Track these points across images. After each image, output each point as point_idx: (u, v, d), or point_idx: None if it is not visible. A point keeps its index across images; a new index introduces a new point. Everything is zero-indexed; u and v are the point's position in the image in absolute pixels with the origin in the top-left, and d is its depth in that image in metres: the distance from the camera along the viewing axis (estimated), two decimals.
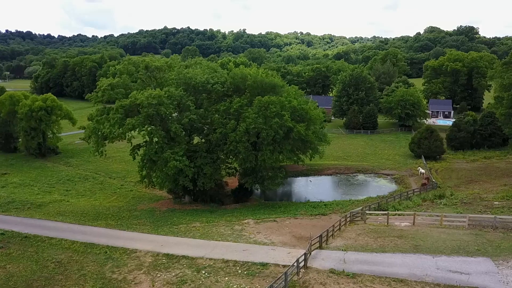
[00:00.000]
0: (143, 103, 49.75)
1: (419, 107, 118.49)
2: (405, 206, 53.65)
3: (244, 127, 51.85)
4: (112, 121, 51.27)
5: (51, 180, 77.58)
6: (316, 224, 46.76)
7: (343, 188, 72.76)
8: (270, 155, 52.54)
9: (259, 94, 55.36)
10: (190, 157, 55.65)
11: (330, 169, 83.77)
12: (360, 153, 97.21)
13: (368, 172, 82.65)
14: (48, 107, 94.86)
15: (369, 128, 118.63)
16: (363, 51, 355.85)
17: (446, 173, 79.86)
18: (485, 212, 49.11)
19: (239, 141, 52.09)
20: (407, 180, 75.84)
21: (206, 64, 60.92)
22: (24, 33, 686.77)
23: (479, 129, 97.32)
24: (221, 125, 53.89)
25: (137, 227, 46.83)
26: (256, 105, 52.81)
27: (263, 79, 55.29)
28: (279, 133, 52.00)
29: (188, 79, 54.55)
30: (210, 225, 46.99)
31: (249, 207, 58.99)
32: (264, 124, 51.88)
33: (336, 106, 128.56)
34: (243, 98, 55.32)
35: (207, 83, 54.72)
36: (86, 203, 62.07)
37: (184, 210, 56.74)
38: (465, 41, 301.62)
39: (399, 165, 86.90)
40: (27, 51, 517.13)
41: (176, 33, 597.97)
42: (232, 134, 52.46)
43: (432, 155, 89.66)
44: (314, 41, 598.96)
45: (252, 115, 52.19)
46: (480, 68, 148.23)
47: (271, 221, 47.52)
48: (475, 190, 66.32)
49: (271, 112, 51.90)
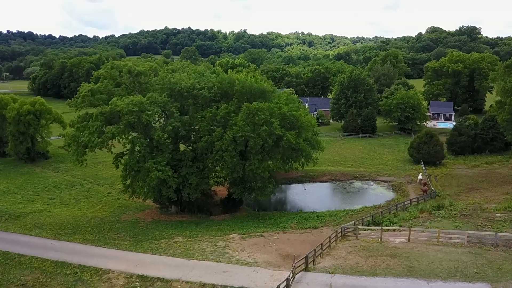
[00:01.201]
0: (123, 110, 47.05)
1: (419, 110, 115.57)
2: (401, 218, 50.82)
3: (231, 135, 49.08)
4: (91, 129, 48.60)
5: (37, 187, 74.97)
6: (305, 239, 44.00)
7: (338, 196, 69.97)
8: (258, 164, 49.71)
9: (247, 100, 52.60)
10: (175, 166, 52.96)
11: (326, 176, 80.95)
12: (357, 158, 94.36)
13: (365, 179, 79.79)
14: (36, 111, 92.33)
15: (367, 131, 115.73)
16: (364, 51, 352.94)
17: (446, 180, 76.95)
18: (485, 226, 46.26)
19: (226, 150, 49.30)
20: (405, 188, 72.95)
21: (193, 68, 58.12)
22: (25, 34, 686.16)
23: (481, 133, 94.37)
24: (207, 132, 51.12)
25: (115, 242, 44.15)
26: (244, 112, 50.03)
27: (251, 84, 52.48)
28: (268, 142, 49.17)
29: (172, 84, 51.83)
30: (193, 240, 44.32)
31: (238, 218, 56.26)
32: (252, 132, 49.08)
33: (334, 108, 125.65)
34: (231, 104, 52.55)
35: (193, 88, 51.98)
36: (68, 213, 59.42)
37: (169, 222, 54.04)
38: (467, 42, 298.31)
39: (398, 171, 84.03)
40: (28, 51, 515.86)
41: (177, 34, 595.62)
42: (218, 142, 49.70)
43: (432, 160, 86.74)
44: (315, 41, 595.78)
45: (240, 122, 49.42)
46: (482, 69, 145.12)
47: (258, 236, 44.80)
48: (476, 199, 63.48)
49: (260, 119, 49.10)
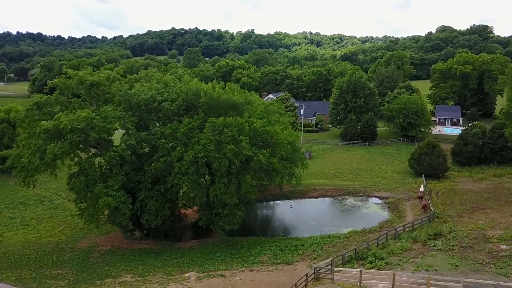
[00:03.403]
0: (67, 128, 40.94)
1: (423, 115, 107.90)
2: (390, 251, 43.84)
3: (192, 156, 42.65)
4: (33, 148, 42.53)
5: (2, 204, 69.50)
6: (272, 281, 37.44)
7: (326, 216, 63.10)
8: (224, 189, 43.23)
9: (215, 114, 46.22)
10: (133, 188, 46.74)
11: (317, 191, 74.08)
12: (354, 169, 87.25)
13: (359, 195, 72.78)
14: (11, 120, 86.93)
15: (367, 139, 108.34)
16: (372, 51, 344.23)
17: (449, 196, 69.78)
18: (487, 265, 39.26)
19: (185, 173, 42.90)
20: (402, 206, 65.91)
21: (159, 76, 51.74)
22: (34, 35, 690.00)
23: (489, 142, 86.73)
24: (166, 151, 44.79)
25: (51, 283, 38.16)
26: (208, 128, 43.60)
27: (219, 95, 45.90)
28: (235, 163, 42.65)
29: (129, 96, 45.60)
30: (142, 279, 38.10)
31: (207, 246, 49.86)
32: (216, 152, 42.65)
33: (332, 114, 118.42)
34: (196, 118, 46.19)
35: (153, 100, 45.70)
36: (22, 238, 53.61)
37: (128, 251, 47.94)
38: (478, 41, 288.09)
39: (396, 185, 76.92)
40: (35, 52, 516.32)
41: (184, 34, 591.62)
42: (177, 164, 43.31)
43: (434, 173, 79.45)
44: (323, 41, 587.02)
45: (203, 140, 42.99)
46: (492, 71, 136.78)
47: (218, 276, 38.36)
48: (480, 222, 56.32)
49: (226, 137, 42.64)
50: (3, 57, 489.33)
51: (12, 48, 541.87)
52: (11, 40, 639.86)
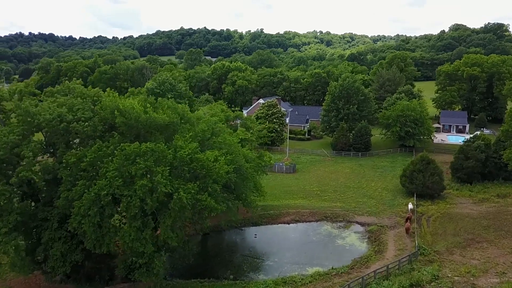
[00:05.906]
0: None
1: (422, 124, 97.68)
2: None
3: (94, 193, 34.08)
4: None
5: None
6: None
7: (293, 250, 53.64)
8: (136, 235, 34.54)
9: (137, 137, 37.56)
10: (37, 228, 38.33)
11: (290, 215, 64.82)
12: (339, 187, 77.79)
13: (338, 220, 63.30)
14: None
15: (360, 149, 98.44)
16: (382, 50, 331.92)
17: (441, 223, 60.12)
18: None
19: (85, 215, 34.36)
20: (384, 237, 56.38)
21: (80, 90, 42.99)
22: (46, 35, 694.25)
23: (493, 156, 76.39)
24: (69, 185, 36.30)
25: None
26: (118, 158, 34.95)
27: (138, 115, 37.20)
28: (148, 203, 33.87)
29: (31, 115, 37.26)
30: None
31: None
32: (125, 189, 34.02)
33: (324, 121, 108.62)
34: (111, 142, 37.58)
35: (60, 121, 37.29)
36: None
37: None
38: (493, 40, 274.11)
39: (383, 207, 67.34)
40: (44, 53, 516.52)
41: (192, 34, 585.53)
42: (77, 203, 34.78)
43: (428, 193, 69.60)
44: (333, 40, 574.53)
45: (111, 173, 34.37)
46: (502, 73, 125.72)
47: None
48: (473, 262, 46.78)
49: (137, 169, 33.98)
50: (13, 58, 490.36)
51: (22, 49, 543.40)
52: (23, 40, 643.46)
